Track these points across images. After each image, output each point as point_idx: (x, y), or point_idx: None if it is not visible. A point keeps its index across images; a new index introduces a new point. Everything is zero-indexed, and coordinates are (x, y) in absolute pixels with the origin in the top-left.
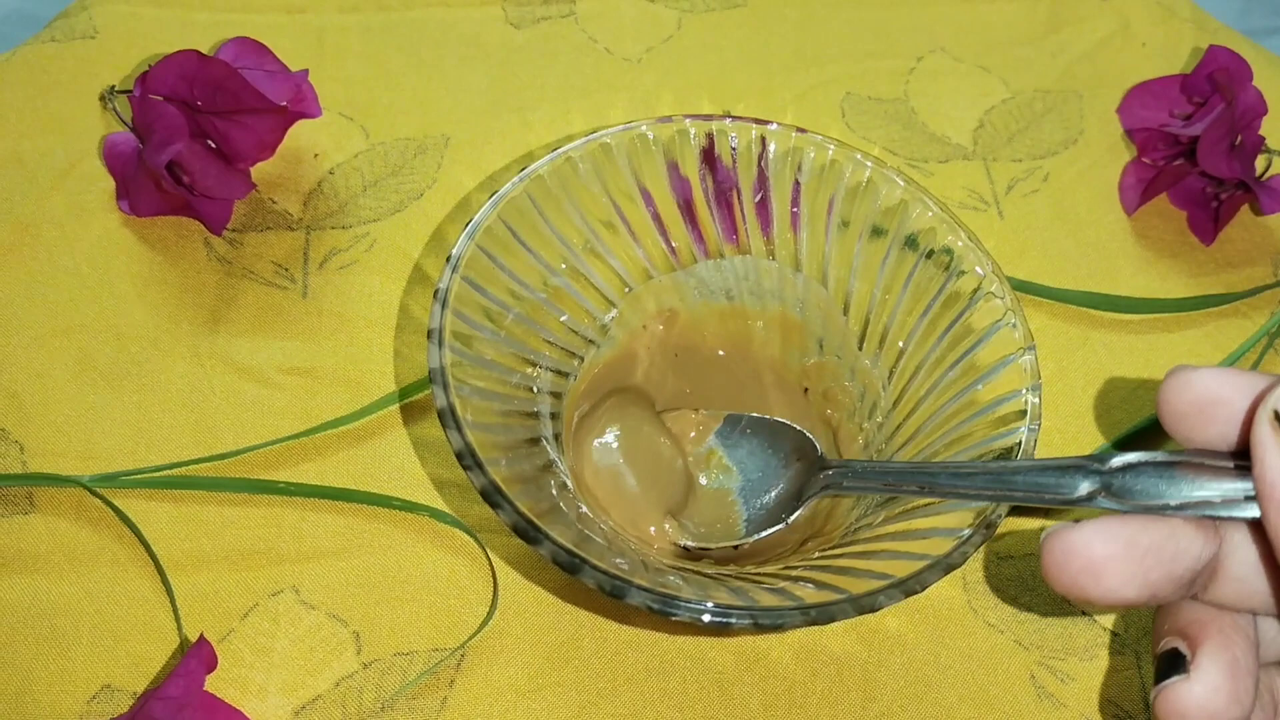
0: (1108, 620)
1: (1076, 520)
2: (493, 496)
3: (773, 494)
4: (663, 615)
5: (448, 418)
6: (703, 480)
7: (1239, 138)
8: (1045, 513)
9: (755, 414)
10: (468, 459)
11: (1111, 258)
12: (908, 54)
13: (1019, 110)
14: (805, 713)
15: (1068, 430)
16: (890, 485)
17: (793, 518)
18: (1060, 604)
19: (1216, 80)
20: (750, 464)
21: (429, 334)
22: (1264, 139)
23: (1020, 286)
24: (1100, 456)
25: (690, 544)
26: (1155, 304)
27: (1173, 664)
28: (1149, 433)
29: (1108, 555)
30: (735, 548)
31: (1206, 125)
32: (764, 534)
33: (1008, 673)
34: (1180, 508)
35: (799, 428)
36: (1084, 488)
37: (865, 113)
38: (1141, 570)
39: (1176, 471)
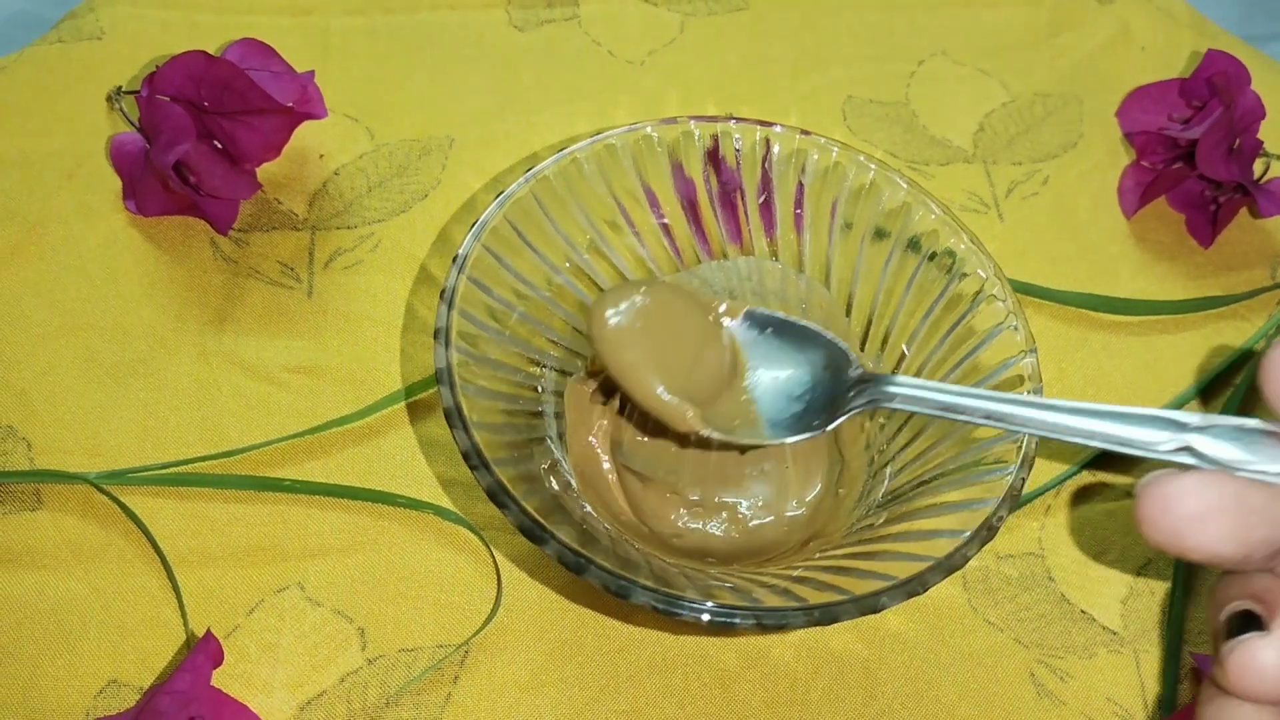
0: (1106, 619)
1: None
2: (499, 496)
3: (801, 400)
4: (667, 615)
5: (454, 417)
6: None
7: (1237, 141)
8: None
9: (782, 314)
10: (474, 458)
11: (1111, 260)
12: (909, 57)
13: (1019, 114)
14: (807, 710)
15: None
16: (948, 410)
17: (831, 426)
18: (1059, 603)
19: (1215, 84)
20: (773, 362)
21: (435, 334)
22: (1262, 143)
23: (1020, 288)
24: (1183, 415)
25: (715, 434)
26: (1154, 306)
27: (1246, 624)
28: None
29: (1214, 507)
30: (739, 514)
31: (1205, 129)
32: (796, 438)
33: (1007, 671)
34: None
35: (831, 336)
36: (1166, 442)
37: (867, 115)
38: (1245, 528)
39: (1263, 440)
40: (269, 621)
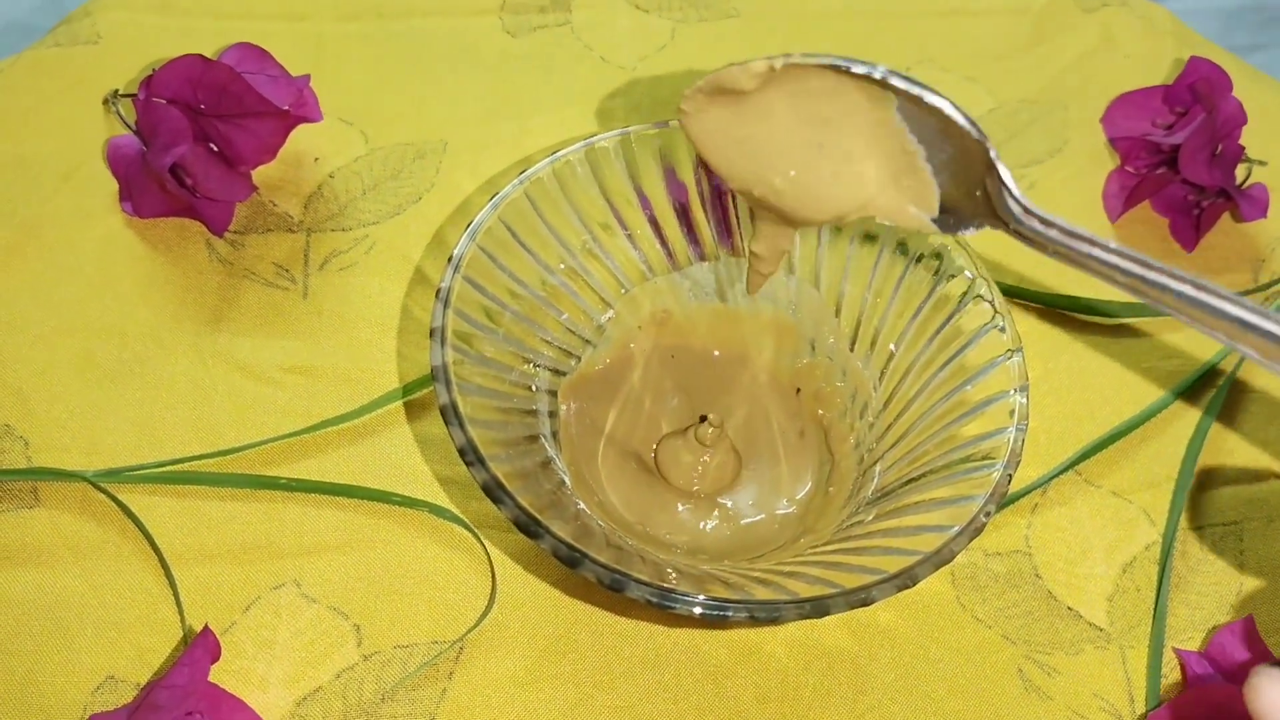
0: (1093, 616)
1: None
2: (494, 492)
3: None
4: (661, 608)
5: (450, 414)
6: None
7: (1219, 147)
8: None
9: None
10: (470, 455)
11: None
12: (896, 65)
13: (1005, 120)
14: (798, 705)
15: (1053, 430)
16: (1099, 268)
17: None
18: (1046, 600)
19: (1198, 90)
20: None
21: (431, 332)
22: (1244, 148)
23: (1007, 291)
24: None
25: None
26: (1138, 308)
27: None
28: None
29: None
30: (731, 512)
31: (1188, 134)
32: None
33: (995, 666)
34: None
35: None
36: None
37: None
38: None
39: None
40: (265, 618)
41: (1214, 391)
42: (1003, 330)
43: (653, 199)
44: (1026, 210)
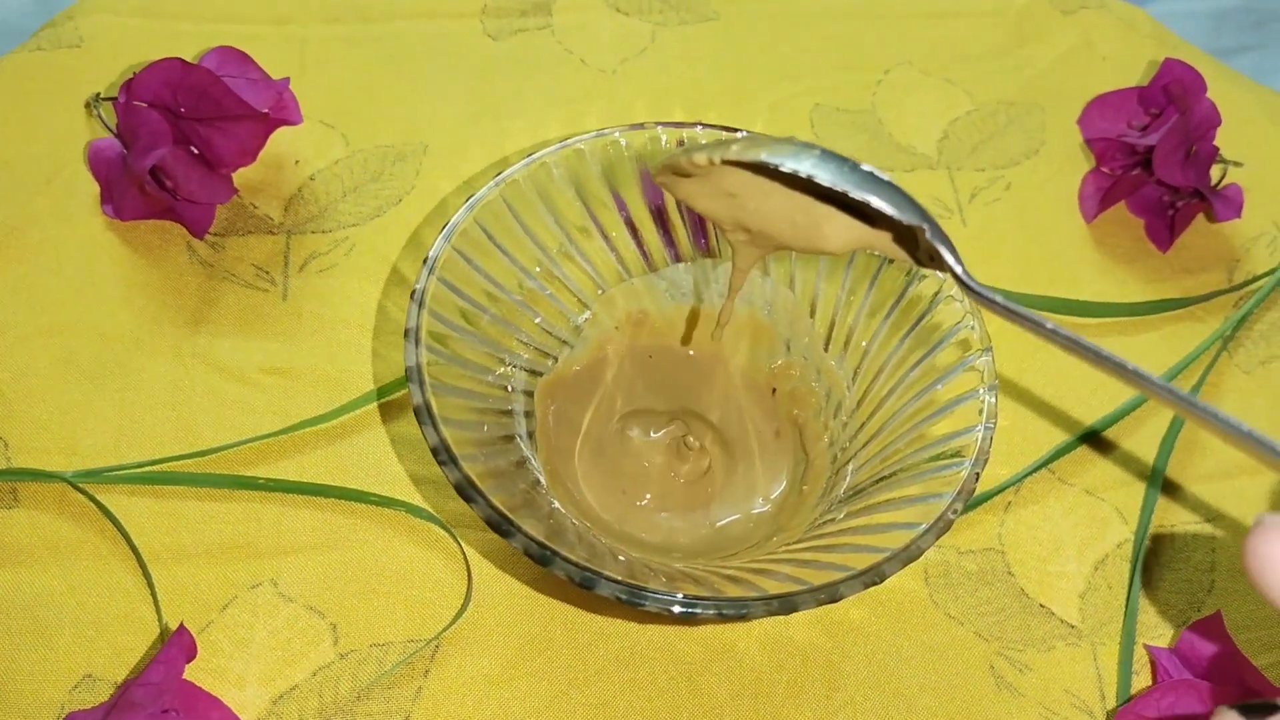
0: (1065, 613)
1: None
2: (466, 491)
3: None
4: (631, 605)
5: (423, 414)
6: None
7: (1193, 148)
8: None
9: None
10: (443, 454)
11: (1071, 264)
12: (875, 67)
13: (982, 121)
14: (771, 702)
15: (1027, 430)
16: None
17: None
18: (1018, 598)
19: (1171, 92)
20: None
21: (406, 333)
22: (1218, 149)
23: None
24: None
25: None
26: (1113, 308)
27: None
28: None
29: None
30: (706, 510)
31: (1162, 135)
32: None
33: (968, 663)
34: None
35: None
36: None
37: (834, 123)
38: None
39: None
40: (242, 617)
41: (1187, 391)
42: (973, 329)
43: (629, 201)
44: (966, 286)
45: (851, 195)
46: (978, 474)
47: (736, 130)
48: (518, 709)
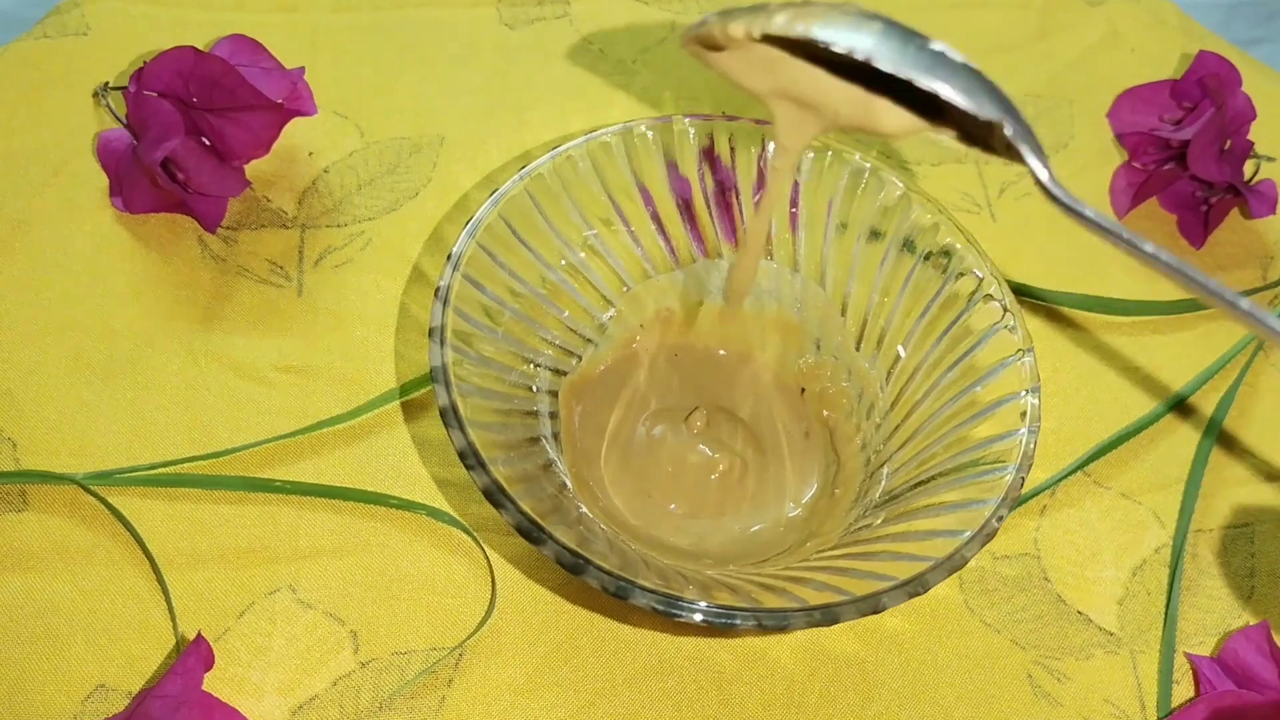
0: (1103, 620)
1: None
2: (496, 496)
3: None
4: (667, 616)
5: (450, 416)
6: None
7: (1228, 142)
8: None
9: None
10: (470, 458)
11: (1103, 261)
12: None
13: None
14: (804, 712)
15: (1062, 431)
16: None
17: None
18: (1055, 604)
19: (1207, 85)
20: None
21: (430, 332)
22: (1253, 144)
23: (1013, 289)
24: None
25: None
26: (1146, 306)
27: None
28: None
29: None
30: (735, 515)
31: (1197, 130)
32: None
33: (1004, 672)
34: None
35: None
36: None
37: None
38: None
39: None
40: (260, 624)
41: (1225, 392)
42: (1013, 330)
43: (655, 194)
44: (1051, 195)
45: (918, 84)
46: (1022, 479)
47: (766, 122)
48: (545, 719)
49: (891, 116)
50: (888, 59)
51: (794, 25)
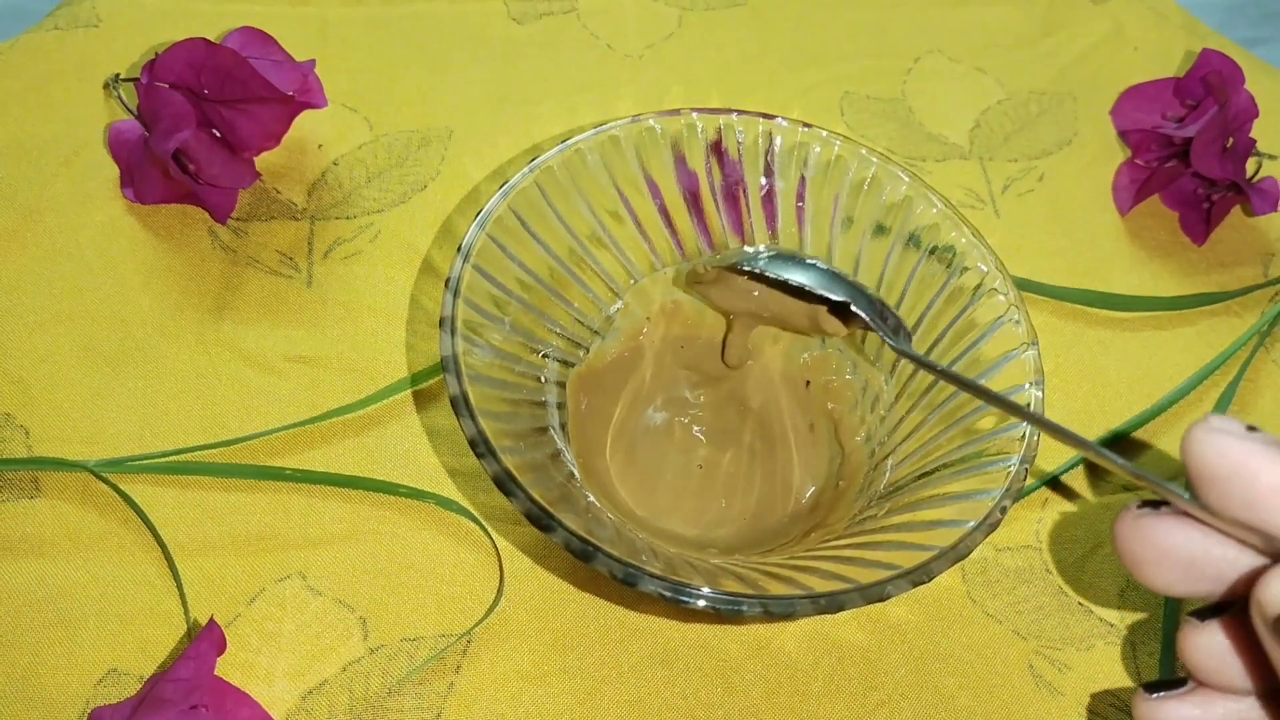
0: (1104, 611)
1: (1154, 503)
2: (506, 484)
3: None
4: (674, 603)
5: (461, 405)
6: None
7: (1231, 140)
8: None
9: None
10: (481, 446)
11: (1105, 257)
12: (905, 54)
13: (1014, 111)
14: (808, 700)
15: (1065, 424)
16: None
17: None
18: (1057, 595)
19: (1210, 83)
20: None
21: (440, 322)
22: (1255, 141)
23: (1020, 284)
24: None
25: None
26: (1148, 302)
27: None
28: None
29: (1168, 553)
30: (741, 505)
31: (1200, 127)
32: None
33: (1006, 662)
34: None
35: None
36: None
37: (864, 111)
38: (1190, 578)
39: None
40: (270, 611)
41: (1225, 387)
42: (1018, 324)
43: (663, 188)
44: (896, 350)
45: (789, 281)
46: (1026, 471)
47: (773, 117)
48: (551, 706)
49: (825, 317)
50: (762, 263)
51: (727, 259)
